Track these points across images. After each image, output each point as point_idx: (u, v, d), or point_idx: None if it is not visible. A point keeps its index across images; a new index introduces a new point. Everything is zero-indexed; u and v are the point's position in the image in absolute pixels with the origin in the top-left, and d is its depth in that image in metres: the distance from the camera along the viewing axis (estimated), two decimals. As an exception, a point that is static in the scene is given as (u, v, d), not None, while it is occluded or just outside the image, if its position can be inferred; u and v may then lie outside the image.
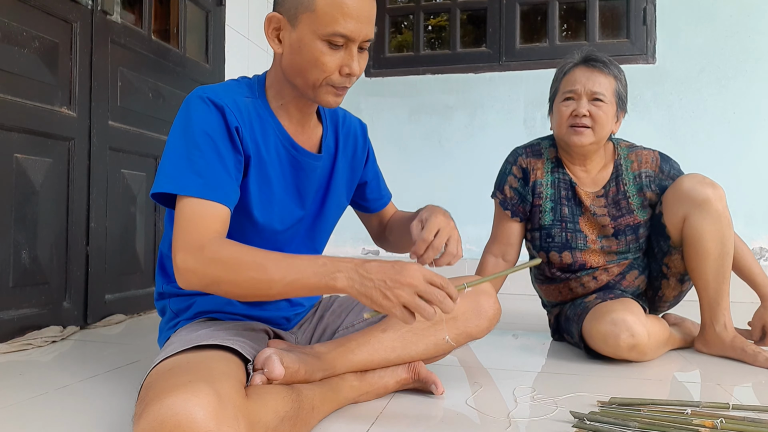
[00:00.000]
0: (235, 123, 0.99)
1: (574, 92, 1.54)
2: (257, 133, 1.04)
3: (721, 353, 1.53)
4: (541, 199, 1.65)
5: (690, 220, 1.49)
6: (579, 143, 1.54)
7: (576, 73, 1.56)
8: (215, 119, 0.97)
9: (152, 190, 0.96)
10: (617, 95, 1.55)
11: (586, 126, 1.53)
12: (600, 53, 1.58)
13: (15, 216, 1.67)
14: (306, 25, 0.96)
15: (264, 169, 1.05)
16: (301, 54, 0.98)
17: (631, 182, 1.61)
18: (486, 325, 1.21)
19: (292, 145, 1.09)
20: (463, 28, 3.31)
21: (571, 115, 1.54)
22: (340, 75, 1.00)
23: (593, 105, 1.53)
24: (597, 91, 1.52)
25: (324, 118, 1.19)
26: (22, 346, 1.59)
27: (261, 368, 0.92)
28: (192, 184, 0.93)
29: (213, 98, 0.98)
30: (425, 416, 1.06)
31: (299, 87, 1.03)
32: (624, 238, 1.61)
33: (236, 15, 2.86)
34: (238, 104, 1.01)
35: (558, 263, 1.64)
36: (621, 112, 1.59)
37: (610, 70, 1.54)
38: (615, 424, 0.96)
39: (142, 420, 0.71)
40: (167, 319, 1.14)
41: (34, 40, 1.74)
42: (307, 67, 0.98)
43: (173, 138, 0.98)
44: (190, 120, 0.97)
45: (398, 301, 0.85)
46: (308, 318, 1.26)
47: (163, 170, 0.96)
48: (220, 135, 0.97)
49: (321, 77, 0.99)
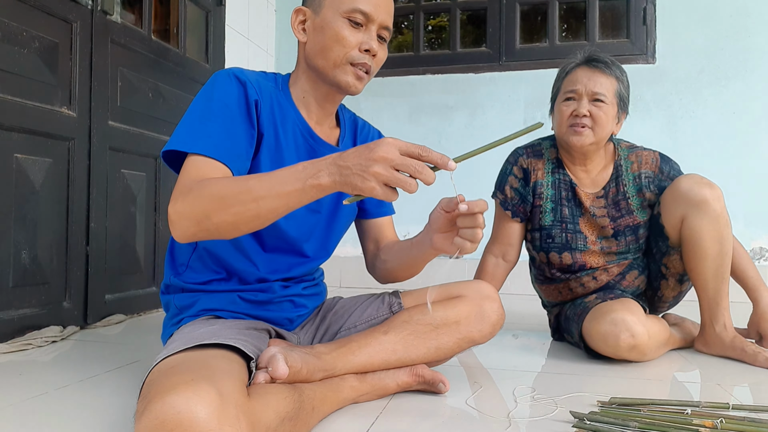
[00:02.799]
0: (255, 96, 1.04)
1: (575, 92, 1.54)
2: (276, 116, 1.08)
3: (721, 353, 1.53)
4: (541, 199, 1.65)
5: (688, 221, 1.49)
6: (578, 143, 1.54)
7: (578, 73, 1.55)
8: (236, 91, 1.02)
9: (162, 149, 0.99)
10: (618, 96, 1.55)
11: (586, 126, 1.53)
12: (603, 54, 1.57)
13: (15, 216, 1.67)
14: (329, 6, 1.06)
15: (280, 152, 1.08)
16: (324, 32, 1.06)
17: (630, 183, 1.61)
18: (489, 331, 1.20)
19: (310, 135, 1.12)
20: (463, 28, 3.31)
21: (572, 115, 1.54)
22: (360, 52, 1.06)
23: (594, 105, 1.53)
24: (598, 91, 1.52)
25: (342, 122, 1.22)
26: (22, 346, 1.59)
27: (265, 367, 0.92)
28: (199, 143, 0.96)
29: (238, 74, 1.04)
30: (425, 416, 1.06)
31: (320, 69, 1.08)
32: (624, 239, 1.61)
33: (236, 15, 2.86)
34: (260, 84, 1.07)
35: (558, 264, 1.64)
36: (622, 113, 1.59)
37: (611, 71, 1.54)
38: (615, 424, 0.96)
39: (144, 418, 0.71)
40: (171, 315, 1.14)
41: (34, 40, 1.74)
42: (329, 44, 1.05)
43: (192, 105, 1.02)
44: (210, 91, 1.02)
45: (376, 179, 0.80)
46: (311, 319, 1.26)
47: (176, 132, 0.99)
48: (237, 107, 1.02)
49: (342, 53, 1.05)
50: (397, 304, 1.23)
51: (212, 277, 1.12)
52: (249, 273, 1.11)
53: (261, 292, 1.13)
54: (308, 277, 1.23)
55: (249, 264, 1.11)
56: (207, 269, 1.12)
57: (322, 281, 1.31)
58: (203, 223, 0.89)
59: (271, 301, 1.14)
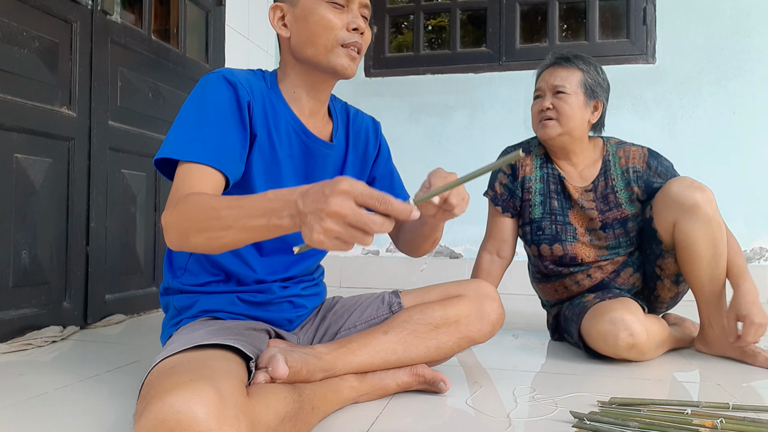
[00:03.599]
0: (246, 98, 1.03)
1: (539, 90, 1.66)
2: (269, 116, 1.07)
3: (721, 353, 1.53)
4: (530, 193, 1.69)
5: (680, 225, 1.48)
6: (546, 136, 1.62)
7: (543, 73, 1.67)
8: (227, 94, 1.01)
9: (155, 156, 0.98)
10: (584, 85, 1.60)
11: (551, 118, 1.61)
12: (569, 51, 1.66)
13: (15, 216, 1.67)
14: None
15: (274, 152, 1.07)
16: (307, 21, 1.05)
17: (619, 177, 1.64)
18: (489, 330, 1.20)
19: (303, 132, 1.11)
20: (463, 28, 3.31)
21: (539, 111, 1.63)
22: (348, 31, 1.05)
23: (556, 98, 1.61)
24: (557, 84, 1.60)
25: (334, 115, 1.21)
26: (22, 346, 1.59)
27: (265, 367, 0.92)
28: (191, 150, 0.95)
29: (227, 76, 1.03)
30: (425, 416, 1.06)
31: (311, 58, 1.07)
32: (612, 232, 1.63)
33: (236, 15, 2.86)
34: (251, 84, 1.06)
35: (549, 255, 1.66)
36: (596, 102, 1.63)
37: (572, 64, 1.61)
38: (615, 424, 0.96)
39: (144, 418, 0.71)
40: (170, 316, 1.14)
41: (34, 40, 1.74)
42: (315, 30, 1.05)
43: (182, 110, 1.01)
44: (201, 94, 1.01)
45: (326, 234, 0.72)
46: (310, 319, 1.26)
47: (168, 138, 0.98)
48: (229, 110, 1.01)
49: (331, 37, 1.05)
50: (397, 303, 1.23)
51: (210, 279, 1.12)
52: (247, 276, 1.11)
53: (260, 293, 1.13)
54: (307, 277, 1.23)
55: (246, 267, 1.11)
56: (205, 272, 1.12)
57: (321, 281, 1.31)
58: (183, 239, 0.89)
59: (270, 302, 1.14)
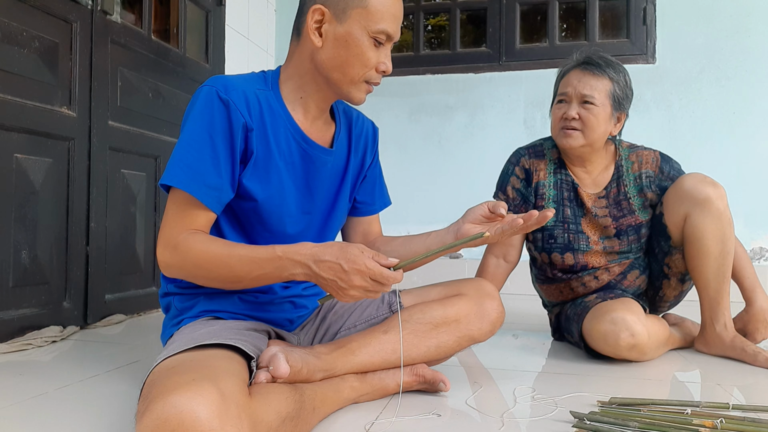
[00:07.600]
0: (241, 119, 1.01)
1: (565, 95, 1.56)
2: (267, 126, 1.06)
3: (721, 353, 1.53)
4: (543, 200, 1.65)
5: (691, 219, 1.49)
6: (568, 145, 1.56)
7: (570, 76, 1.57)
8: (218, 116, 1.00)
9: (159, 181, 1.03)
10: (612, 97, 1.54)
11: (575, 129, 1.54)
12: (600, 54, 1.57)
13: (15, 216, 1.67)
14: (356, 21, 1.02)
15: (273, 161, 1.07)
16: (348, 48, 1.03)
17: (631, 183, 1.61)
18: (489, 329, 1.20)
19: (303, 139, 1.10)
20: (463, 28, 3.31)
21: (562, 117, 1.56)
22: (377, 71, 1.06)
23: (583, 108, 1.53)
24: (586, 93, 1.52)
25: (337, 116, 1.20)
26: (22, 346, 1.59)
27: (266, 366, 0.92)
28: (181, 177, 0.99)
29: (221, 93, 1.01)
30: (425, 416, 1.06)
31: (334, 81, 1.06)
32: (626, 239, 1.61)
33: (236, 15, 2.86)
34: (247, 97, 1.03)
35: (560, 264, 1.64)
36: (620, 114, 1.58)
37: (604, 72, 1.53)
38: (615, 424, 0.96)
39: (146, 417, 0.71)
40: (171, 316, 1.14)
41: (34, 40, 1.74)
42: (352, 61, 1.04)
43: (182, 131, 1.03)
44: (193, 115, 1.01)
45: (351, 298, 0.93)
46: (311, 319, 1.26)
47: (169, 162, 1.01)
48: (219, 133, 1.00)
49: (362, 72, 1.05)
50: (397, 303, 1.23)
51: None
52: None
53: (261, 293, 1.13)
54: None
55: None
56: None
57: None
58: (189, 278, 1.02)
59: (271, 302, 1.14)
